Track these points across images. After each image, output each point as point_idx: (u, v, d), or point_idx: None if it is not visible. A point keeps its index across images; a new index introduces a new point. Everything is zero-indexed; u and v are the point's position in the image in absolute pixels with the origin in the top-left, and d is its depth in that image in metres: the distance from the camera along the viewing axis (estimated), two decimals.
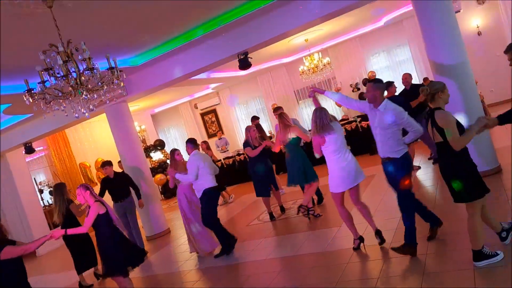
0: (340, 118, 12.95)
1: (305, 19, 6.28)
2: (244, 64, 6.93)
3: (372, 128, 4.15)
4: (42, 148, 11.85)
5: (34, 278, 4.23)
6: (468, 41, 8.57)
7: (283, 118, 6.27)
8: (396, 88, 7.67)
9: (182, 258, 6.50)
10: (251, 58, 7.00)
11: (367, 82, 4.20)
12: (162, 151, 13.89)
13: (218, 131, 14.84)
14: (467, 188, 3.36)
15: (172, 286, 5.43)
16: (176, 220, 9.30)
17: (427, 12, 5.97)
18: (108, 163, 7.10)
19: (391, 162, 4.03)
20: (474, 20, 11.23)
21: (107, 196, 7.01)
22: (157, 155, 13.80)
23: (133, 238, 7.01)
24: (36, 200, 11.06)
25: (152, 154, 13.74)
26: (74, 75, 3.88)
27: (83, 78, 3.88)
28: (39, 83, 3.87)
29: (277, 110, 7.42)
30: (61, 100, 3.93)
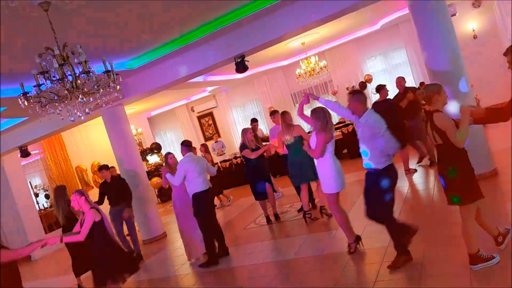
0: (337, 121, 12.98)
1: (301, 23, 6.29)
2: (241, 67, 6.93)
3: (358, 138, 4.14)
4: (37, 151, 11.78)
5: (29, 283, 4.18)
6: (463, 44, 8.61)
7: (286, 117, 6.27)
8: (389, 91, 7.73)
9: (178, 262, 6.47)
10: (248, 61, 7.01)
11: (351, 93, 4.19)
12: (159, 154, 13.85)
13: (214, 134, 14.82)
14: (462, 191, 3.36)
15: None
16: (172, 223, 9.26)
17: (423, 15, 6.00)
18: (104, 167, 7.05)
19: (374, 173, 3.97)
20: (469, 23, 11.29)
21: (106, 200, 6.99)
22: (153, 158, 13.76)
23: (127, 243, 6.94)
24: (31, 203, 10.99)
25: (148, 157, 13.70)
26: (70, 78, 3.86)
27: (79, 82, 3.87)
28: (34, 86, 3.85)
29: (274, 114, 7.45)
30: (56, 104, 3.91)
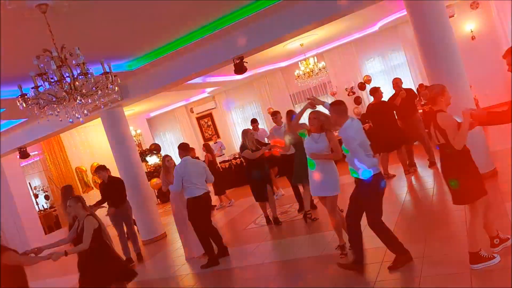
0: None
1: (300, 24, 6.30)
2: (240, 68, 6.93)
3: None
4: (37, 152, 11.78)
5: (31, 284, 4.22)
6: (462, 45, 8.60)
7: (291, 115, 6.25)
8: (383, 94, 7.77)
9: (178, 262, 6.47)
10: (247, 62, 7.01)
11: (330, 105, 4.20)
12: (158, 155, 13.86)
13: (213, 135, 14.83)
14: (468, 189, 3.38)
15: None
16: (172, 224, 9.21)
17: (421, 17, 6.01)
18: (101, 168, 7.00)
19: (359, 181, 3.97)
20: (468, 24, 11.31)
21: None
22: (153, 159, 13.77)
23: (126, 246, 6.90)
24: (31, 204, 11.00)
25: (148, 158, 13.70)
26: (68, 80, 3.86)
27: (77, 83, 3.87)
28: (32, 88, 3.85)
29: (275, 114, 7.45)
30: (55, 105, 3.91)
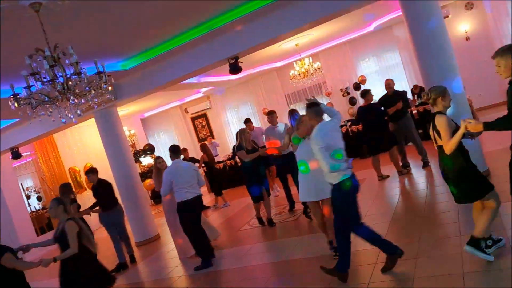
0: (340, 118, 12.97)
1: (295, 24, 6.29)
2: (235, 68, 6.91)
3: None
4: (29, 153, 11.68)
5: (33, 283, 4.22)
6: (456, 46, 8.65)
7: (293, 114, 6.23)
8: (373, 96, 7.81)
9: (172, 264, 6.43)
10: (242, 62, 6.99)
11: (307, 106, 4.18)
12: (152, 156, 13.80)
13: (208, 136, 14.80)
14: (467, 189, 3.43)
15: None
16: (166, 225, 9.19)
17: (416, 17, 6.02)
18: (91, 171, 6.87)
19: (332, 187, 3.92)
20: (462, 25, 11.38)
21: None
22: (146, 160, 13.70)
23: (120, 250, 6.85)
24: (23, 206, 10.90)
25: (141, 159, 13.64)
26: (61, 79, 3.82)
27: (70, 83, 3.82)
28: (24, 87, 3.80)
29: (270, 114, 7.44)
30: (47, 105, 3.87)
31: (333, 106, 13.16)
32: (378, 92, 10.28)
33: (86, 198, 6.78)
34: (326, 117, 4.23)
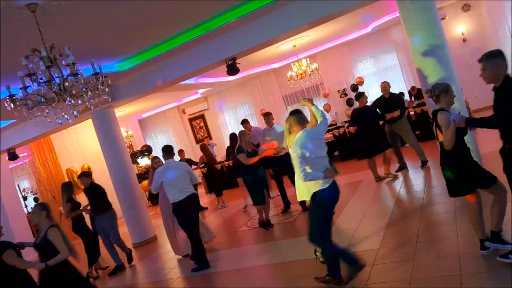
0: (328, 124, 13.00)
1: (293, 25, 6.29)
2: (232, 69, 6.90)
3: None
4: (26, 154, 11.65)
5: None
6: (453, 47, 8.69)
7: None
8: (367, 98, 7.83)
9: (169, 265, 6.42)
10: (239, 63, 6.99)
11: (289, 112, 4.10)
12: (149, 157, 13.77)
13: (206, 137, 14.79)
14: (460, 183, 3.52)
15: None
16: (163, 226, 9.18)
17: (413, 19, 6.03)
18: (84, 174, 6.84)
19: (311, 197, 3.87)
20: (459, 27, 11.41)
21: None
22: (144, 161, 13.67)
23: (115, 253, 6.80)
24: (19, 207, 10.85)
25: (139, 160, 13.61)
26: (58, 80, 3.80)
27: (66, 84, 3.81)
28: (21, 88, 3.79)
29: (267, 115, 7.44)
30: (43, 106, 3.85)
31: (330, 108, 13.24)
32: (375, 93, 10.30)
33: (85, 199, 6.75)
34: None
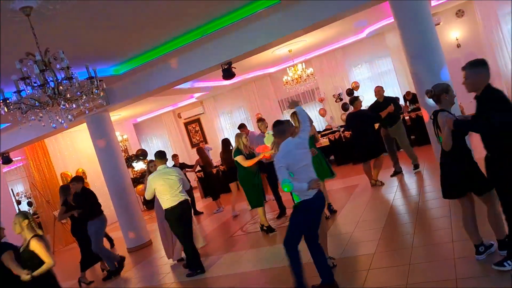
0: (323, 128, 13.05)
1: (288, 30, 6.31)
2: (228, 74, 6.91)
3: None
4: (20, 158, 11.56)
5: None
6: (447, 53, 8.73)
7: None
8: (362, 102, 7.87)
9: (163, 270, 6.37)
10: (235, 68, 6.99)
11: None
12: (145, 161, 13.71)
13: (201, 141, 14.75)
14: (473, 181, 3.53)
15: None
16: (158, 231, 9.12)
17: (407, 24, 6.07)
18: (75, 179, 6.74)
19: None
20: (453, 32, 11.49)
21: None
22: (139, 165, 13.61)
23: (110, 257, 6.73)
24: (13, 211, 10.71)
25: (134, 164, 13.54)
26: (52, 84, 3.78)
27: (61, 88, 3.79)
28: (14, 92, 3.76)
29: (261, 121, 7.43)
30: (38, 110, 3.82)
31: (326, 112, 13.26)
32: (370, 98, 10.33)
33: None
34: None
